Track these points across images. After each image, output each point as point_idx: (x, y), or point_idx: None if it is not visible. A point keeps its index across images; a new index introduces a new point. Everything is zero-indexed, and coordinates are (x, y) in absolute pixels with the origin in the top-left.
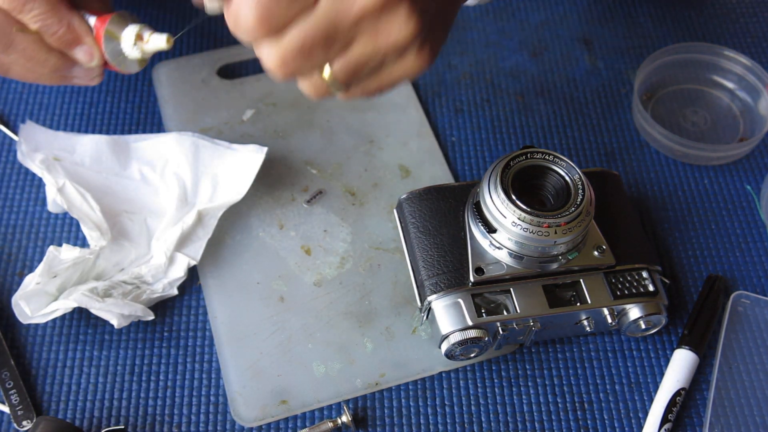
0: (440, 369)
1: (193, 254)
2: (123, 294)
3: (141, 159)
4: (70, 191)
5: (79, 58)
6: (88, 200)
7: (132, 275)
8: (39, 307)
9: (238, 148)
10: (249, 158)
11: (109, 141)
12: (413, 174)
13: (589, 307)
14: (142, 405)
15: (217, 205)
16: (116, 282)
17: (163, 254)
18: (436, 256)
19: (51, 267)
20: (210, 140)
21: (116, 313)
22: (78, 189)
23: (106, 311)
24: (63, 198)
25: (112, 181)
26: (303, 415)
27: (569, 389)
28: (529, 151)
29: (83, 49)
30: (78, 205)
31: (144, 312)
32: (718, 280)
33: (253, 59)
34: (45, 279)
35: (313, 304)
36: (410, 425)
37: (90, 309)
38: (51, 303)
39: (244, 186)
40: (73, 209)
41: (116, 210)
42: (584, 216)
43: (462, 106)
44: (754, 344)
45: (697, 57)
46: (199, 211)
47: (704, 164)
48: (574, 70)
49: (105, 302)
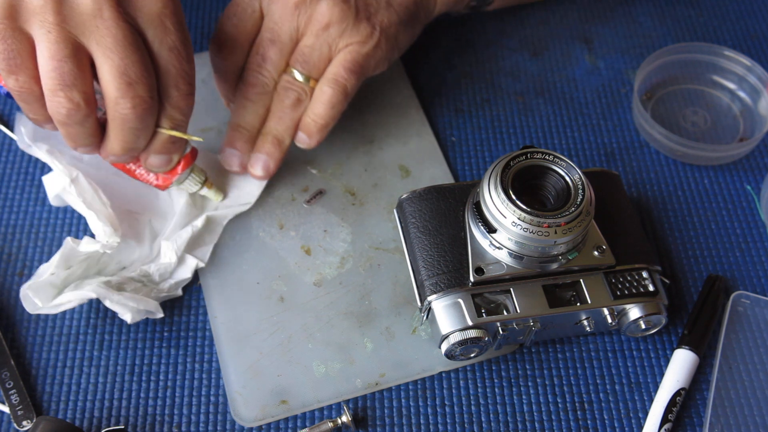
0: (440, 369)
1: (200, 256)
2: (134, 290)
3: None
4: (83, 184)
5: (153, 163)
6: (100, 195)
7: (140, 273)
8: (47, 299)
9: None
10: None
11: None
12: (413, 174)
13: (589, 307)
14: (142, 405)
15: (224, 213)
16: (126, 278)
17: (174, 254)
18: (436, 256)
19: (67, 259)
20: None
21: (131, 306)
22: (91, 183)
23: (121, 305)
24: (77, 190)
25: (112, 180)
26: (303, 415)
27: (569, 389)
28: (529, 151)
29: (164, 160)
30: (90, 200)
31: (156, 309)
32: (718, 280)
33: None
34: (60, 270)
35: (313, 304)
36: (410, 425)
37: (105, 300)
38: (59, 295)
39: (252, 196)
40: (85, 203)
41: (121, 208)
42: (584, 216)
43: (462, 106)
44: (754, 344)
45: (697, 57)
46: (208, 216)
47: (704, 164)
48: (574, 70)
49: (122, 295)
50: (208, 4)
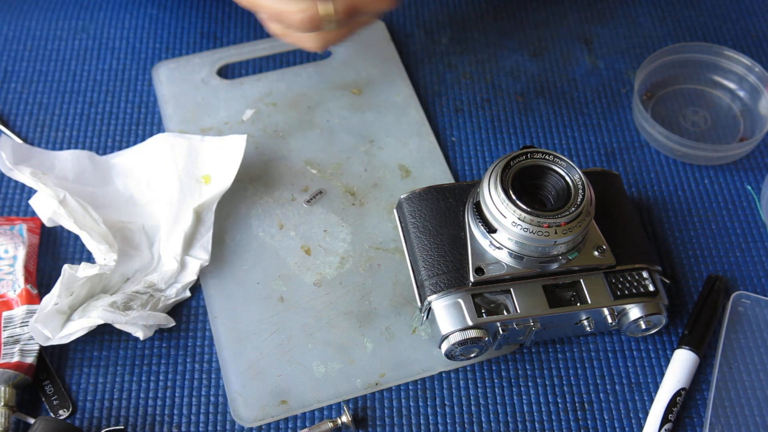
0: (440, 369)
1: (202, 254)
2: (141, 305)
3: (121, 174)
4: (72, 204)
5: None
6: (90, 212)
7: (145, 284)
8: (56, 328)
9: (213, 139)
10: (231, 146)
11: (88, 156)
12: (413, 174)
13: (589, 307)
14: (142, 405)
15: (209, 199)
16: (131, 293)
17: (174, 260)
18: (436, 256)
19: (68, 286)
20: (183, 136)
21: (141, 325)
22: (79, 201)
23: (131, 324)
24: (66, 211)
25: (99, 194)
26: (303, 415)
27: (569, 389)
28: (529, 151)
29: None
30: (81, 219)
31: (166, 320)
32: (719, 280)
33: (253, 59)
34: (62, 299)
35: (313, 304)
36: (410, 425)
37: (115, 324)
38: (68, 323)
39: (230, 174)
40: (77, 223)
41: (113, 221)
42: (584, 216)
43: (462, 106)
44: (755, 344)
45: (698, 57)
46: (194, 209)
47: (704, 164)
48: (574, 70)
49: (129, 315)
50: (209, 4)
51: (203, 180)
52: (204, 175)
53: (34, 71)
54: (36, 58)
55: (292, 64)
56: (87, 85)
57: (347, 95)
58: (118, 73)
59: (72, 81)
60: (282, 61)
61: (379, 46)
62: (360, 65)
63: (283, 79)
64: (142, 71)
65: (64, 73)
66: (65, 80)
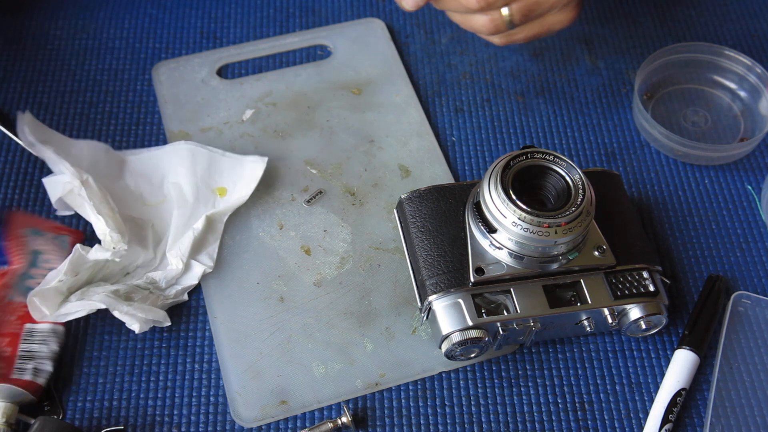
0: (440, 369)
1: (207, 261)
2: (142, 299)
3: (134, 172)
4: (93, 187)
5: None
6: (108, 200)
7: (146, 280)
8: (53, 306)
9: (234, 156)
10: (250, 166)
11: (104, 148)
12: (413, 174)
13: (589, 307)
14: (142, 405)
15: (222, 210)
16: (133, 286)
17: (179, 260)
18: (437, 256)
19: (76, 266)
20: (205, 147)
21: (139, 317)
22: (101, 187)
23: (130, 315)
24: (88, 193)
25: (111, 187)
26: (303, 416)
27: (569, 389)
28: (530, 151)
29: None
30: (99, 204)
31: (164, 318)
32: (719, 280)
33: (252, 59)
34: (68, 277)
35: (313, 304)
36: (410, 425)
37: (114, 311)
38: (66, 304)
39: (246, 192)
40: (95, 207)
41: (124, 213)
42: (584, 216)
43: (462, 106)
44: (755, 344)
45: (698, 57)
46: (207, 217)
47: (704, 164)
48: (574, 70)
49: (131, 305)
50: (209, 4)
51: (218, 192)
52: (220, 187)
53: (34, 71)
54: (36, 58)
55: (292, 64)
56: (87, 85)
57: (347, 95)
58: (117, 73)
59: (72, 81)
60: (282, 61)
61: (379, 46)
62: (360, 65)
63: (283, 79)
64: (142, 71)
65: (64, 73)
66: (65, 80)
